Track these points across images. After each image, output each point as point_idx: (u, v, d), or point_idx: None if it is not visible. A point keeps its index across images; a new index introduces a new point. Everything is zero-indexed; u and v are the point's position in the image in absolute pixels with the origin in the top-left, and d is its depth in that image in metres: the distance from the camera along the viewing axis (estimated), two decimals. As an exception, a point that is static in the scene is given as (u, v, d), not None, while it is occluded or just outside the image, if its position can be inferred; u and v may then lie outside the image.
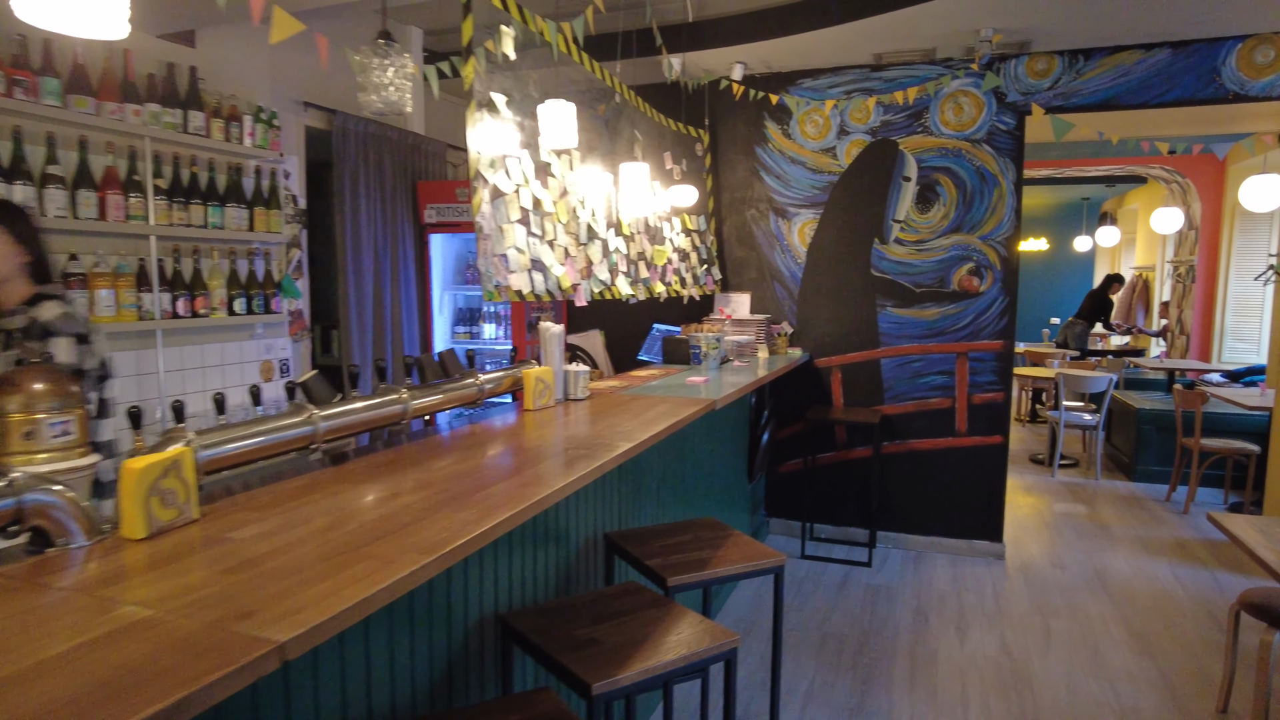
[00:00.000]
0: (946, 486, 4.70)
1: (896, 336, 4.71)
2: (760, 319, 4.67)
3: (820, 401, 4.89)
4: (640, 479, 2.81)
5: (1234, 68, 4.05)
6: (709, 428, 3.71)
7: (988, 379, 4.58)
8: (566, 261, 3.03)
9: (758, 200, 4.91)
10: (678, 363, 4.11)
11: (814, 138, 4.74)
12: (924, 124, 4.54)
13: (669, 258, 4.21)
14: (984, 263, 4.53)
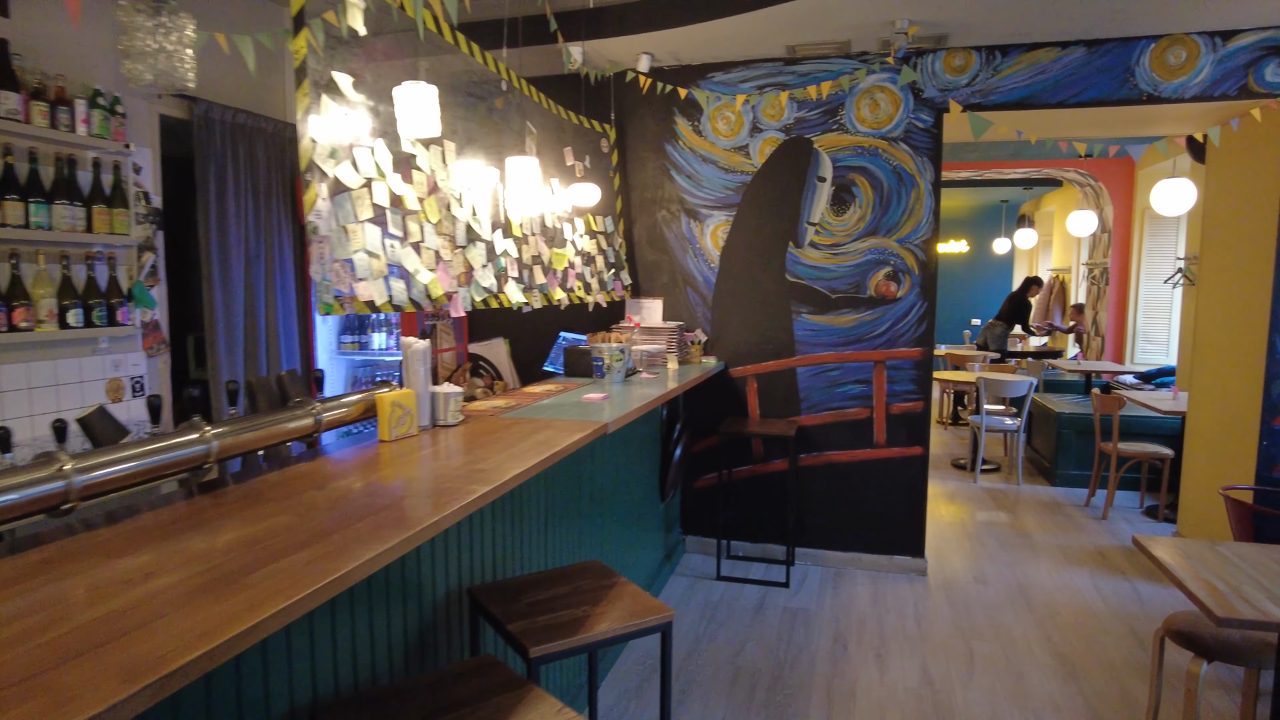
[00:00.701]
0: (866, 500, 4.50)
1: (813, 344, 4.48)
2: (672, 326, 4.39)
3: (736, 413, 4.63)
4: (522, 514, 2.48)
5: (1147, 68, 3.94)
6: (613, 446, 3.40)
7: (906, 388, 4.39)
8: (438, 266, 2.67)
9: (669, 201, 4.62)
10: (580, 375, 3.79)
11: (726, 135, 4.48)
12: (839, 121, 4.32)
13: (570, 261, 3.89)
14: (901, 267, 4.34)
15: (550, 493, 2.70)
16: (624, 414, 2.79)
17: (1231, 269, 4.36)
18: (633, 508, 3.75)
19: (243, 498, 1.69)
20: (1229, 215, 4.42)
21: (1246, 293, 4.17)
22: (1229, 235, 4.41)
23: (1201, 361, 4.69)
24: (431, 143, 2.68)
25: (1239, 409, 4.19)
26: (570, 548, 2.91)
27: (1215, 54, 3.88)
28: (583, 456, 3.03)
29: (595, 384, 3.57)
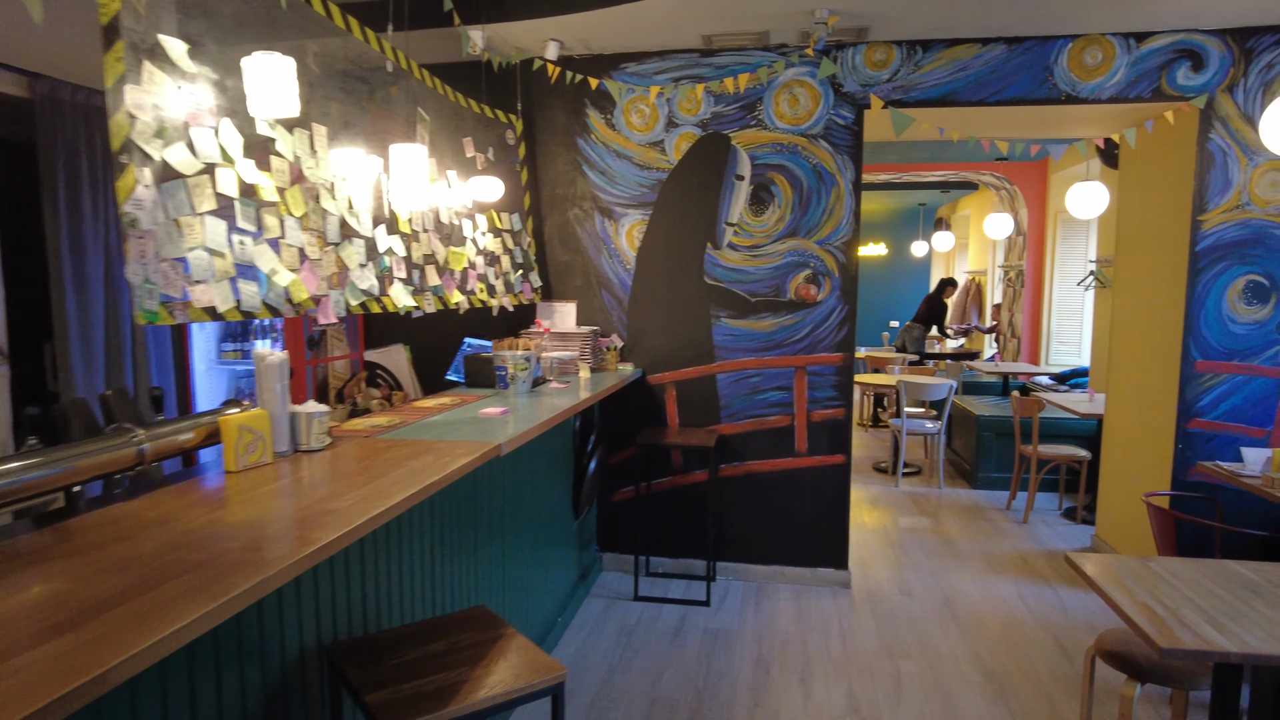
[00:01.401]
0: (788, 511, 4.32)
1: (733, 350, 4.28)
2: (586, 332, 4.12)
3: (654, 422, 4.39)
4: (402, 549, 2.17)
5: (1065, 68, 3.87)
6: (518, 463, 3.10)
7: (827, 394, 4.23)
8: (303, 266, 2.34)
9: (581, 198, 4.35)
10: (482, 386, 3.48)
11: (640, 129, 4.24)
12: (758, 116, 4.13)
13: (470, 262, 3.57)
14: (822, 270, 4.18)
15: (438, 521, 2.40)
16: (524, 431, 2.50)
17: (1145, 272, 4.35)
18: (542, 528, 3.46)
19: (16, 556, 1.35)
20: (1142, 218, 4.41)
21: (1160, 296, 4.15)
22: (1142, 238, 4.40)
23: (1118, 364, 4.68)
24: (296, 125, 2.34)
25: (1155, 412, 4.17)
26: (463, 585, 2.60)
27: (1130, 55, 3.83)
28: (480, 477, 2.73)
29: (497, 396, 3.27)
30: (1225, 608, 2.05)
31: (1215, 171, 3.83)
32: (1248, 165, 3.82)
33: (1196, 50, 3.80)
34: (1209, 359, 3.91)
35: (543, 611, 3.48)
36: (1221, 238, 3.86)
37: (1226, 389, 3.91)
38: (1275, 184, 3.81)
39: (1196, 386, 3.93)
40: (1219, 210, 3.85)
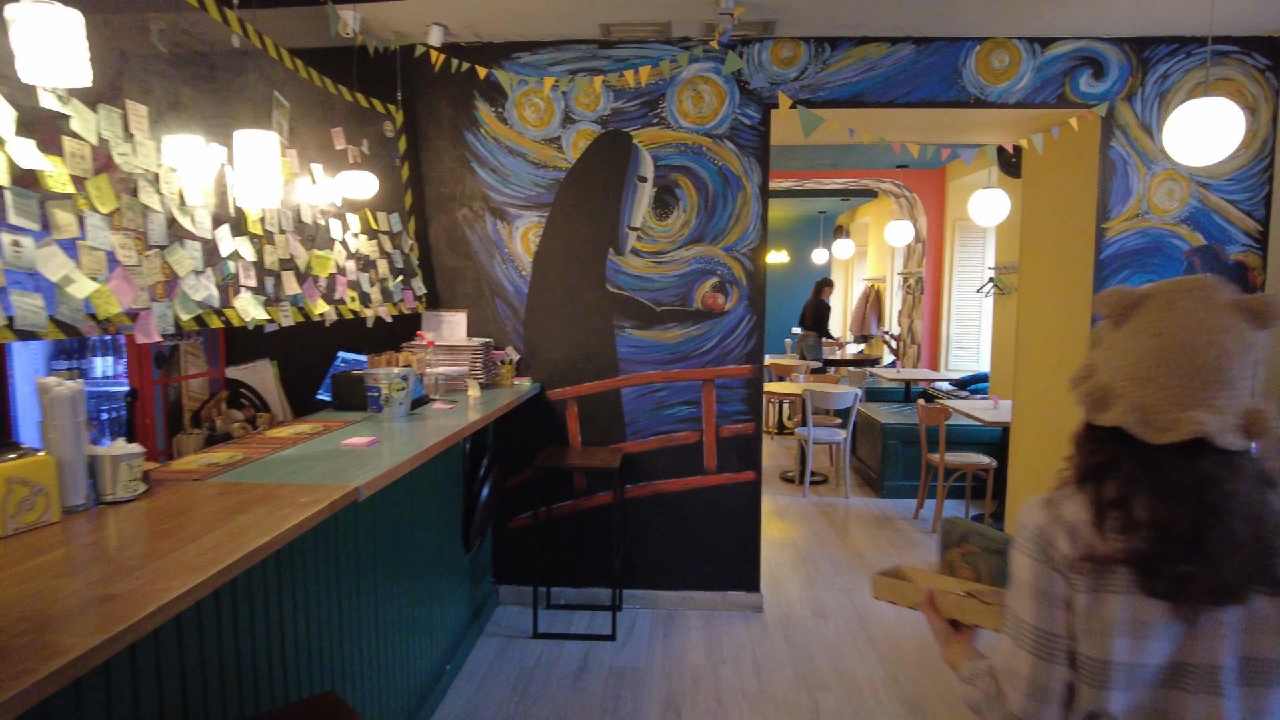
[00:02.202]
0: (698, 532, 4.07)
1: (638, 362, 4.00)
2: (477, 344, 3.75)
3: (555, 440, 4.07)
4: (236, 619, 1.77)
5: (974, 71, 3.78)
6: (394, 495, 2.72)
7: (737, 408, 4.01)
8: (115, 274, 1.91)
9: (471, 198, 3.99)
10: (352, 408, 3.08)
11: (535, 124, 3.91)
12: (660, 114, 3.87)
13: (340, 267, 3.17)
14: (729, 277, 3.95)
15: (289, 575, 2.01)
16: (394, 466, 2.14)
17: (1050, 279, 4.32)
18: (426, 566, 3.08)
19: None
20: (1046, 226, 4.39)
21: (1066, 304, 4.12)
22: (1047, 245, 4.38)
23: (1024, 372, 4.66)
24: (102, 102, 1.92)
25: (1062, 420, 4.13)
26: (319, 654, 2.20)
27: (1035, 60, 3.77)
28: (344, 517, 2.35)
29: (369, 421, 2.88)
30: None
31: (1117, 180, 3.82)
32: (1146, 174, 3.82)
33: (1097, 58, 3.77)
34: (1114, 368, 3.88)
35: (428, 660, 3.10)
36: (1124, 246, 3.84)
37: (1130, 397, 3.90)
38: (1171, 193, 3.82)
39: (1102, 395, 3.89)
40: (1121, 219, 3.83)
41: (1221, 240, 3.83)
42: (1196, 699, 1.03)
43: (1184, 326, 1.04)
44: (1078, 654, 1.07)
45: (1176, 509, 1.02)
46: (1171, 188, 3.82)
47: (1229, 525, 1.00)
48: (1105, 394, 1.13)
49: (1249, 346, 1.03)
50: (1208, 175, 3.81)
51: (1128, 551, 1.02)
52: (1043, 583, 1.09)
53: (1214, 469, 1.02)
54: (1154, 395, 1.05)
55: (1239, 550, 0.99)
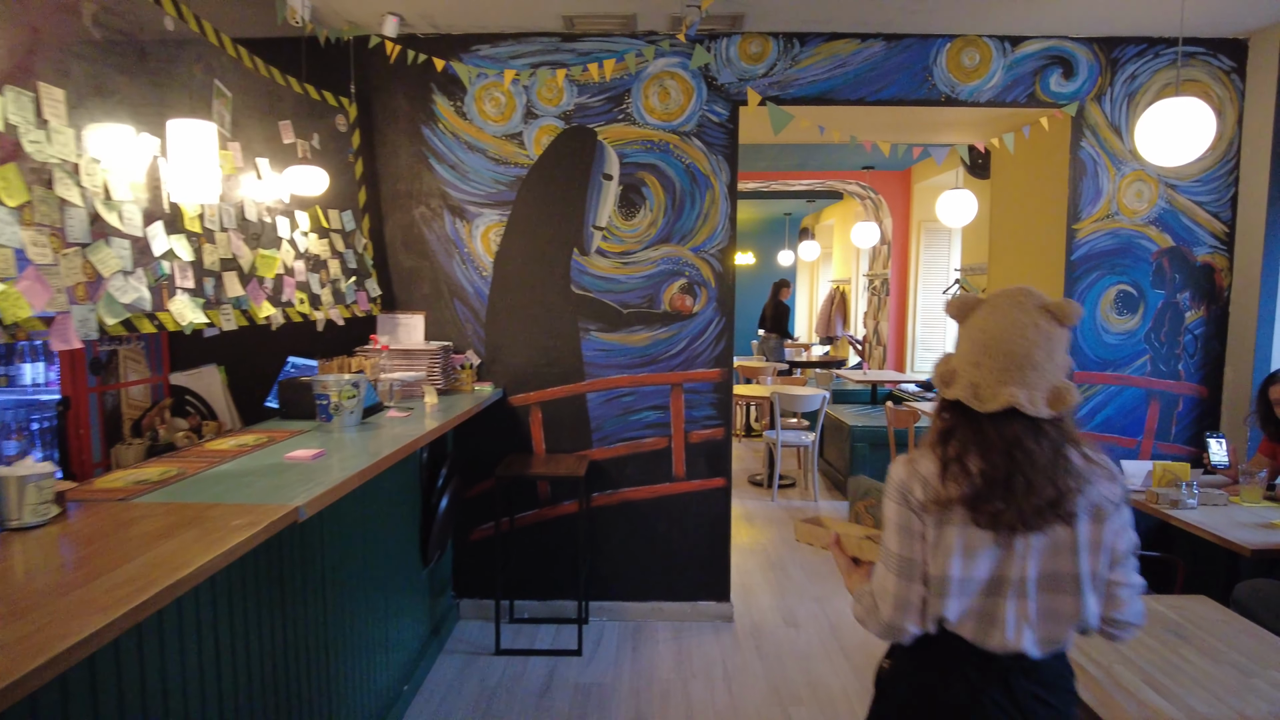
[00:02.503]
0: (666, 541, 3.96)
1: (604, 366, 3.87)
2: (434, 348, 3.59)
3: (518, 448, 3.92)
4: (163, 656, 1.60)
5: (944, 69, 3.72)
6: (344, 511, 2.56)
7: (706, 413, 3.90)
8: (25, 274, 1.73)
9: (428, 195, 3.83)
10: (301, 417, 2.90)
11: (496, 119, 3.77)
12: (626, 110, 3.75)
13: (288, 267, 2.99)
14: (697, 279, 3.84)
15: (226, 599, 1.84)
16: (339, 483, 1.98)
17: (1020, 280, 4.28)
18: (382, 583, 2.92)
19: None
20: (1015, 226, 4.35)
21: (1036, 305, 4.08)
22: (1016, 246, 4.34)
23: (991, 374, 4.62)
24: (9, 84, 1.74)
25: (1032, 424, 4.09)
26: (259, 690, 2.04)
27: (1006, 59, 3.72)
28: (287, 536, 2.18)
29: (318, 431, 2.71)
30: (1159, 660, 1.82)
31: (1087, 180, 3.78)
32: (1116, 175, 3.79)
33: (1067, 57, 3.73)
34: (1085, 370, 3.85)
35: (385, 680, 2.94)
36: (1094, 247, 3.81)
37: (1101, 400, 3.87)
38: (1140, 194, 3.80)
39: (1073, 398, 3.86)
40: (1091, 219, 3.80)
41: (1189, 242, 3.82)
42: (1009, 602, 1.35)
43: (1002, 324, 1.36)
44: (928, 574, 1.38)
45: (993, 461, 1.33)
46: (1140, 188, 3.79)
47: (1029, 474, 1.32)
48: (951, 374, 1.42)
49: (1051, 339, 1.35)
50: (1175, 176, 3.79)
51: (961, 495, 1.34)
52: (904, 521, 1.40)
53: (1021, 431, 1.34)
54: (982, 375, 1.36)
55: (1038, 492, 1.31)
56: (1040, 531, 1.33)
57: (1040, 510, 1.32)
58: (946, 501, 1.35)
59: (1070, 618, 1.37)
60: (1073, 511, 1.33)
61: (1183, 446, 3.90)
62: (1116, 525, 1.38)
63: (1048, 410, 1.34)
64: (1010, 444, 1.34)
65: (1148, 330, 3.85)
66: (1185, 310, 3.84)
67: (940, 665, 1.42)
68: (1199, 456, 3.87)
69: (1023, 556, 1.34)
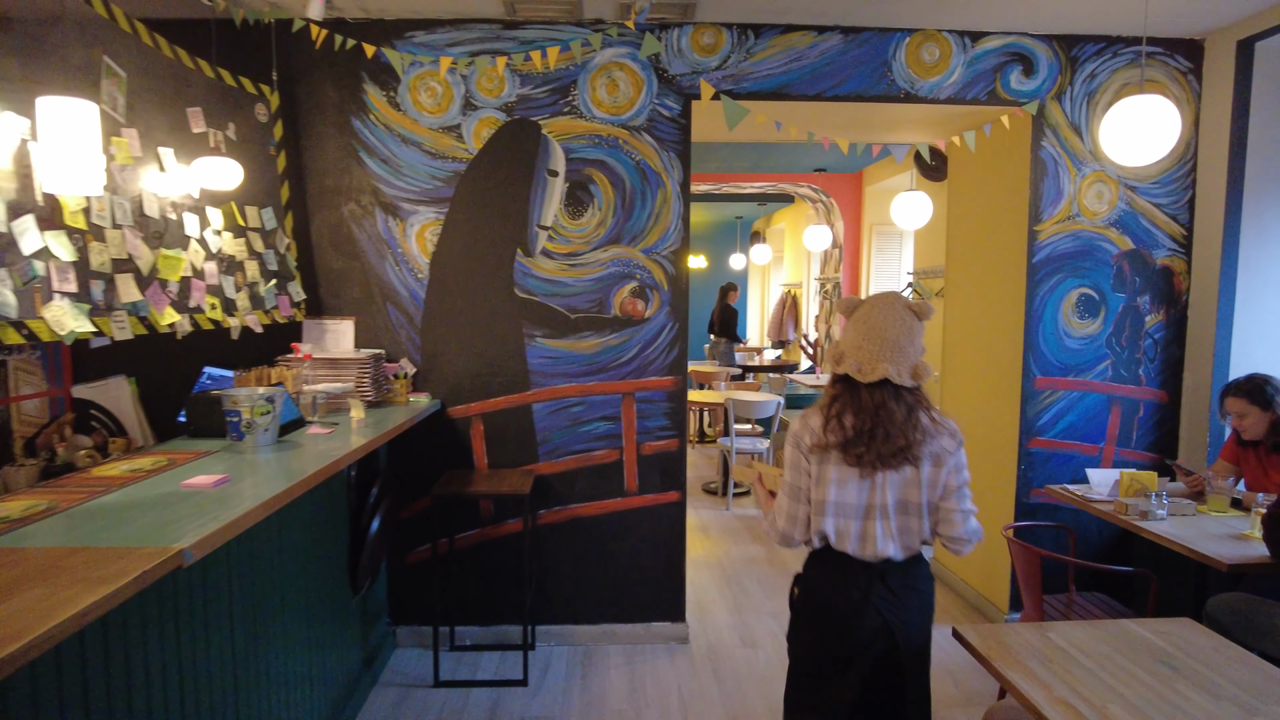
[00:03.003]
0: (618, 560, 3.74)
1: (551, 375, 3.64)
2: (364, 357, 3.32)
3: (458, 463, 3.66)
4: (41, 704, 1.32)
5: (904, 64, 3.58)
6: (255, 541, 2.28)
7: (659, 424, 3.69)
8: None
9: (359, 191, 3.55)
10: (210, 435, 2.61)
11: (431, 111, 3.51)
12: (572, 103, 3.53)
13: (196, 269, 2.70)
14: (649, 282, 3.64)
15: (100, 651, 1.56)
16: (238, 516, 1.72)
17: (979, 284, 4.18)
18: (303, 612, 2.64)
19: None
20: (974, 229, 4.25)
21: (997, 308, 3.98)
22: (975, 249, 4.24)
23: (951, 379, 4.51)
24: None
25: (994, 430, 3.98)
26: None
27: (966, 55, 3.60)
28: (187, 570, 1.90)
29: (227, 451, 2.42)
30: (1153, 698, 1.66)
31: (1048, 181, 3.69)
32: (1077, 175, 3.70)
33: (1027, 55, 3.63)
34: (1047, 375, 3.75)
35: (309, 718, 2.66)
36: (1056, 249, 3.71)
37: (1063, 406, 3.77)
38: (1100, 196, 3.72)
39: (1036, 404, 3.76)
40: (1053, 220, 3.70)
41: (1149, 244, 3.75)
42: (876, 523, 1.84)
43: (878, 318, 1.84)
44: (812, 498, 1.88)
45: (863, 418, 1.81)
46: (1101, 190, 3.71)
47: (888, 428, 1.79)
48: (841, 355, 1.88)
49: (913, 329, 1.85)
50: (1135, 178, 3.72)
51: (837, 442, 1.83)
52: (795, 460, 1.91)
53: (887, 397, 1.81)
54: (864, 356, 1.83)
55: (892, 441, 1.79)
56: (894, 470, 1.83)
57: (893, 454, 1.81)
58: (826, 446, 1.86)
59: (918, 533, 1.89)
60: (918, 456, 1.83)
61: (1144, 453, 3.83)
62: (950, 467, 1.87)
63: (910, 381, 1.84)
64: (877, 406, 1.83)
65: (1109, 334, 3.76)
66: (1145, 314, 3.77)
67: (835, 577, 1.90)
68: (1161, 463, 3.81)
69: (882, 488, 1.85)
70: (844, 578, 1.88)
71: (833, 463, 1.85)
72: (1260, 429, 3.05)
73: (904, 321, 1.85)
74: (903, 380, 1.82)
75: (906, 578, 1.90)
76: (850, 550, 1.86)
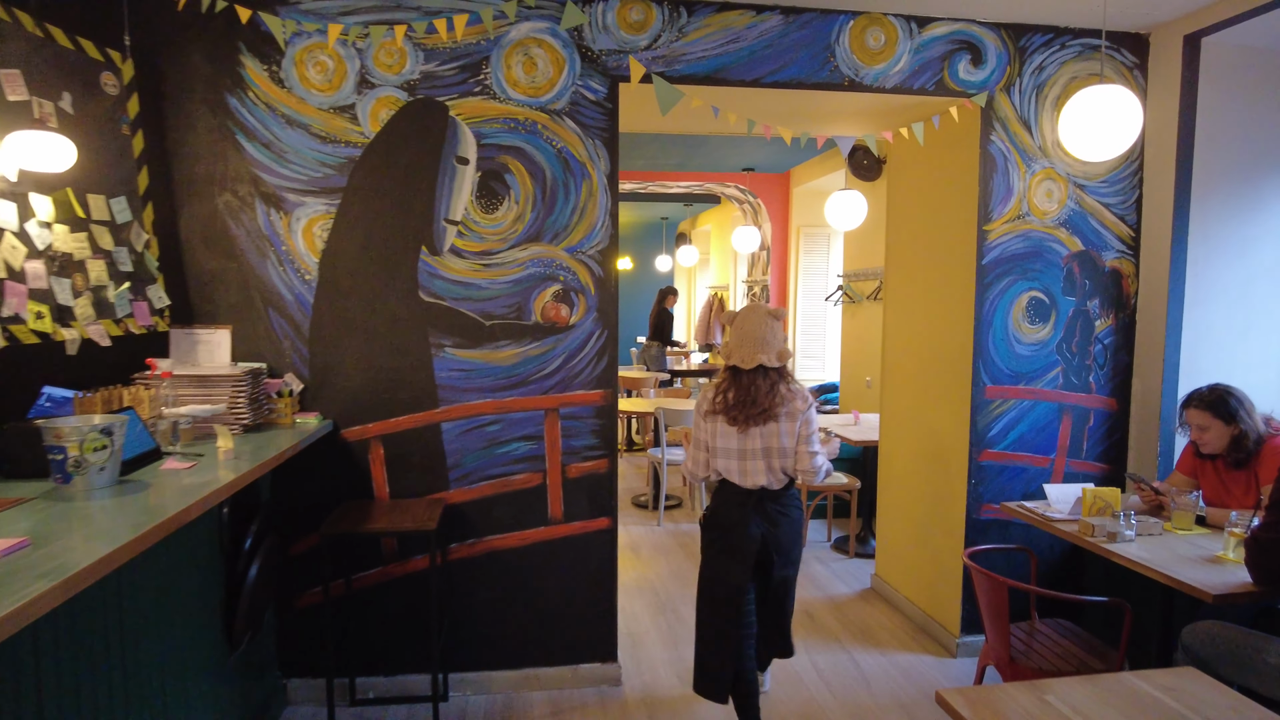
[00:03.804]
0: (542, 596, 3.34)
1: (463, 390, 3.22)
2: (239, 373, 2.83)
3: (355, 492, 3.20)
4: None
5: (848, 49, 3.31)
6: (91, 606, 1.80)
7: (587, 442, 3.32)
8: None
9: (236, 179, 3.06)
10: (29, 476, 2.10)
11: (321, 88, 3.05)
12: (484, 82, 3.13)
13: (14, 269, 2.18)
14: (574, 284, 3.26)
15: None
16: (24, 604, 1.27)
17: (923, 285, 3.95)
18: (164, 679, 2.16)
19: None
20: (918, 227, 4.03)
21: (943, 313, 3.75)
22: (920, 249, 4.01)
23: (892, 387, 4.28)
24: None
25: (941, 442, 3.75)
26: None
27: (912, 41, 3.36)
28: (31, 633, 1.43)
29: (47, 499, 1.93)
30: (1187, 785, 1.38)
31: (998, 177, 3.48)
32: (1026, 173, 3.51)
33: (976, 43, 3.41)
34: (998, 383, 3.54)
35: (159, 826, 2.17)
36: (1006, 250, 3.51)
37: (1014, 416, 3.57)
38: (1050, 194, 3.53)
39: (986, 414, 3.54)
40: (1002, 220, 3.49)
41: (1098, 246, 3.58)
42: (751, 462, 2.62)
43: (748, 325, 2.65)
44: (709, 447, 2.71)
45: (739, 394, 2.62)
46: (1050, 188, 3.52)
47: (756, 398, 2.59)
48: (730, 353, 2.68)
49: (774, 328, 2.65)
50: (1084, 176, 3.55)
51: (722, 408, 2.64)
52: (697, 421, 2.76)
53: (757, 377, 2.61)
54: (744, 352, 2.62)
55: (759, 406, 2.58)
56: (761, 425, 2.60)
57: (758, 415, 2.59)
58: (715, 411, 2.68)
59: (781, 468, 2.65)
60: (777, 415, 2.60)
61: (1095, 463, 3.66)
62: (801, 421, 2.63)
63: (776, 362, 2.63)
64: (749, 385, 2.61)
65: (1059, 340, 3.58)
66: (1095, 318, 3.61)
67: (728, 499, 2.69)
68: (1115, 474, 3.65)
69: (754, 438, 2.62)
70: (733, 500, 2.69)
71: (720, 422, 2.68)
72: (1221, 443, 2.89)
73: (766, 323, 2.67)
74: (772, 363, 2.63)
75: (778, 502, 2.70)
76: (736, 481, 2.69)
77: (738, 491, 2.67)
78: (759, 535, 2.63)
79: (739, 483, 2.65)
